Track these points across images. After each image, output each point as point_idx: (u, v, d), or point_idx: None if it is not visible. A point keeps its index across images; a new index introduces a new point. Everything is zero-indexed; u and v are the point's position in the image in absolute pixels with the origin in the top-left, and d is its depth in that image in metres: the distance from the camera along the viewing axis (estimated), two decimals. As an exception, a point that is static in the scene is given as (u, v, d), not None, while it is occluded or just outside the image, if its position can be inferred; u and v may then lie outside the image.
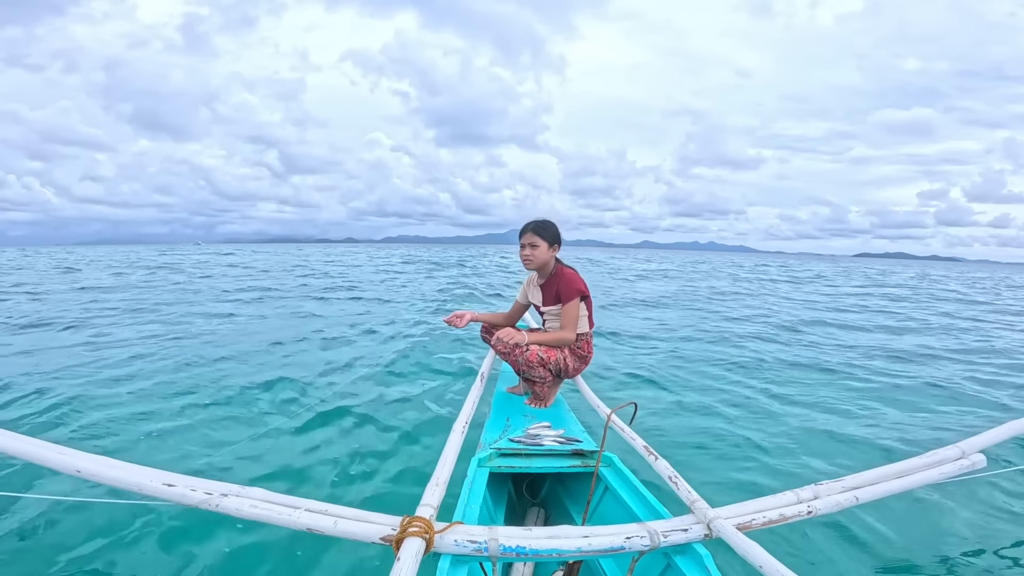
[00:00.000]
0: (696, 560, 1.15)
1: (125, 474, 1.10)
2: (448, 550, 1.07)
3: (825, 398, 3.83)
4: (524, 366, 2.30)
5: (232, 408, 3.29)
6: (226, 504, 1.09)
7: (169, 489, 1.09)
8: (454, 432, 1.60)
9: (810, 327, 7.45)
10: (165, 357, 4.59)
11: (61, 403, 3.23)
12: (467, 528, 1.12)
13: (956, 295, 15.04)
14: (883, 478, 1.39)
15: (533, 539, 1.10)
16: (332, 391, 3.65)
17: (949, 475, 1.48)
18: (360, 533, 1.07)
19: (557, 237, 2.41)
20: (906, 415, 3.49)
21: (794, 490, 1.32)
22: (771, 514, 1.23)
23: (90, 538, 1.82)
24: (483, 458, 1.68)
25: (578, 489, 1.84)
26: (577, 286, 2.33)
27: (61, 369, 4.16)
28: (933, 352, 5.80)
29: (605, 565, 1.48)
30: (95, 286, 11.33)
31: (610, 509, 1.56)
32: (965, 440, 1.59)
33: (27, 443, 1.18)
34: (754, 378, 4.40)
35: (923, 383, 4.34)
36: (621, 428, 1.76)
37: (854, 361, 5.15)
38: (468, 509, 1.36)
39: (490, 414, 2.27)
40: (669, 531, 1.16)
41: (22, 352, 4.87)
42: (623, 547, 1.12)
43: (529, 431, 1.91)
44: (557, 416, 2.24)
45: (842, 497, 1.30)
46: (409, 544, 0.99)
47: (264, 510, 1.09)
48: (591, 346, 2.48)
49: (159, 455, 2.59)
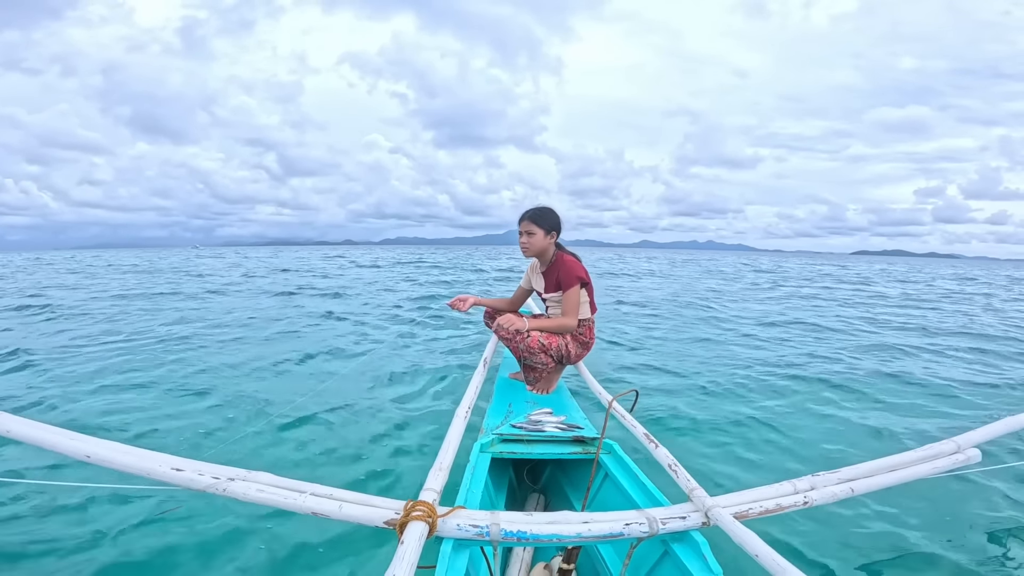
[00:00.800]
0: (693, 548, 1.17)
1: (135, 459, 1.11)
2: (450, 534, 1.09)
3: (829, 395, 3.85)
4: (525, 352, 2.31)
5: (232, 399, 3.32)
6: (233, 488, 1.11)
7: (178, 474, 1.11)
8: (457, 417, 1.62)
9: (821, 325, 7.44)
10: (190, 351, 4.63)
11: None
12: (469, 513, 1.14)
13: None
14: (878, 471, 1.41)
15: (534, 524, 1.12)
16: (333, 378, 3.69)
17: (944, 469, 1.50)
18: (364, 517, 1.09)
19: (555, 225, 2.40)
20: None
21: (791, 480, 1.34)
22: (768, 504, 1.25)
23: (93, 522, 1.87)
24: (485, 443, 1.71)
25: (578, 475, 1.87)
26: (577, 273, 2.33)
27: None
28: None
29: (604, 551, 1.52)
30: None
31: (610, 496, 1.59)
32: (961, 435, 1.61)
33: (37, 428, 1.20)
34: (764, 372, 4.42)
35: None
36: (622, 415, 1.78)
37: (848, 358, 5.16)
38: (470, 494, 1.39)
39: (492, 400, 2.29)
40: (667, 518, 1.18)
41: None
42: (622, 533, 1.14)
43: (531, 417, 1.93)
44: (559, 402, 2.26)
45: (838, 488, 1.31)
46: (412, 528, 1.01)
47: (270, 494, 1.11)
48: (593, 332, 2.49)
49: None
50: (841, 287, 14.84)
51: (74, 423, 2.78)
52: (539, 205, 2.41)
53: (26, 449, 2.32)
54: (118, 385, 3.52)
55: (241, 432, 2.70)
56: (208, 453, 2.42)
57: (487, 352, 2.63)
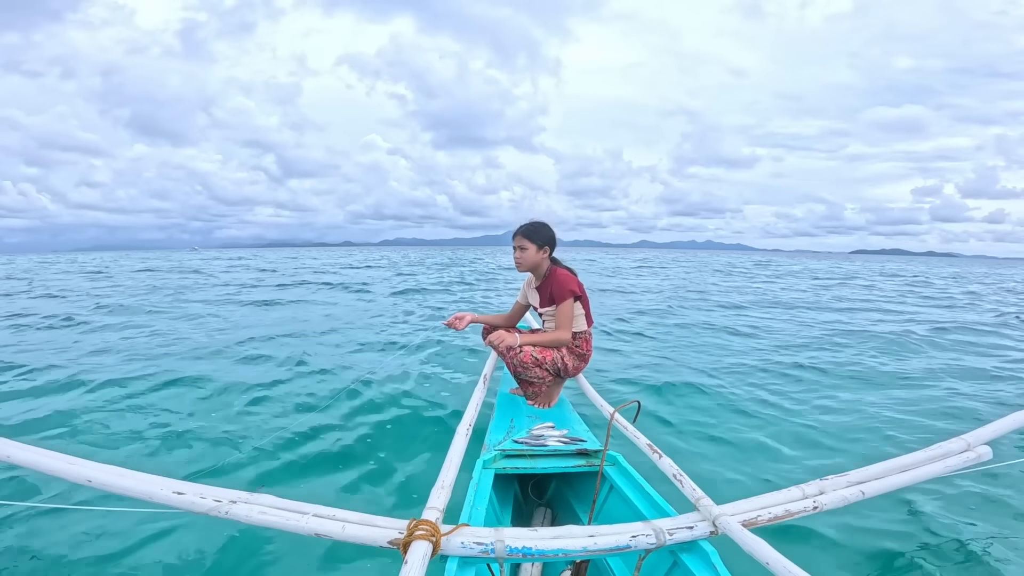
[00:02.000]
0: (702, 557, 1.15)
1: (135, 483, 1.11)
2: (455, 552, 1.07)
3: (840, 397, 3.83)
4: (519, 367, 2.30)
5: (231, 414, 3.29)
6: (235, 511, 1.10)
7: (179, 497, 1.10)
8: (458, 435, 1.61)
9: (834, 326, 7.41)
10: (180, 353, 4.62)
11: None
12: (473, 530, 1.12)
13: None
14: (888, 472, 1.39)
15: (539, 540, 1.11)
16: (332, 397, 3.66)
17: (955, 468, 1.48)
18: (367, 537, 1.08)
19: (548, 240, 2.40)
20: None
21: (799, 486, 1.32)
22: (777, 510, 1.23)
23: (97, 543, 1.84)
24: (488, 460, 1.69)
25: (584, 488, 1.85)
26: (569, 287, 2.33)
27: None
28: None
29: (613, 564, 1.49)
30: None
31: (616, 508, 1.57)
32: (970, 432, 1.59)
33: (36, 454, 1.19)
34: (760, 376, 4.39)
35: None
36: (624, 427, 1.76)
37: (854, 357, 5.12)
38: (474, 511, 1.37)
39: (493, 416, 2.27)
40: (675, 529, 1.17)
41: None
42: (629, 546, 1.12)
43: (533, 432, 1.92)
44: (560, 416, 2.25)
45: (848, 492, 1.30)
46: (416, 547, 1.00)
47: (273, 516, 1.10)
48: (590, 344, 2.48)
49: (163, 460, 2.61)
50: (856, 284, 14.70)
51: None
52: (533, 220, 2.42)
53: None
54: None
55: (235, 451, 2.68)
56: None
57: (487, 368, 2.61)
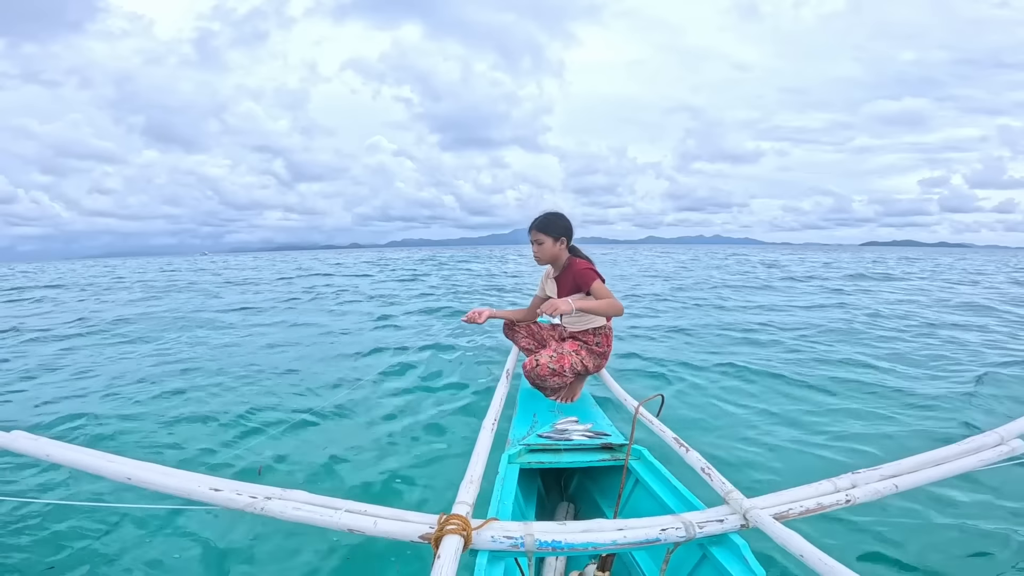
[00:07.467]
0: (733, 550, 1.15)
1: (176, 481, 1.14)
2: (485, 546, 1.08)
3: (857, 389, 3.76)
4: (536, 380, 2.28)
5: (254, 413, 3.36)
6: (270, 507, 1.12)
7: (216, 494, 1.13)
8: (484, 429, 1.62)
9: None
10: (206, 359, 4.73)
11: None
12: (503, 524, 1.13)
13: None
14: (921, 466, 1.37)
15: (568, 533, 1.11)
16: (354, 394, 3.71)
17: (988, 462, 1.44)
18: (399, 532, 1.09)
19: (564, 230, 2.37)
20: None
21: (831, 479, 1.30)
22: (808, 503, 1.22)
23: (126, 539, 1.90)
24: (512, 454, 1.70)
25: (607, 483, 1.85)
26: (592, 269, 2.30)
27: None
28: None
29: (639, 557, 1.49)
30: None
31: (641, 502, 1.57)
32: (1003, 426, 1.55)
33: (75, 452, 1.24)
34: (794, 368, 4.33)
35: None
36: (650, 420, 1.76)
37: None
38: (501, 505, 1.38)
39: (517, 410, 2.28)
40: (705, 522, 1.16)
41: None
42: (658, 539, 1.12)
43: (557, 426, 1.92)
44: (584, 410, 2.25)
45: (881, 485, 1.27)
46: (448, 542, 1.01)
47: (307, 512, 1.12)
48: (611, 340, 2.46)
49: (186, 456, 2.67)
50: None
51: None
52: (547, 211, 2.39)
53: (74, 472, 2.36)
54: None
55: (261, 447, 2.73)
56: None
57: (509, 363, 2.62)
